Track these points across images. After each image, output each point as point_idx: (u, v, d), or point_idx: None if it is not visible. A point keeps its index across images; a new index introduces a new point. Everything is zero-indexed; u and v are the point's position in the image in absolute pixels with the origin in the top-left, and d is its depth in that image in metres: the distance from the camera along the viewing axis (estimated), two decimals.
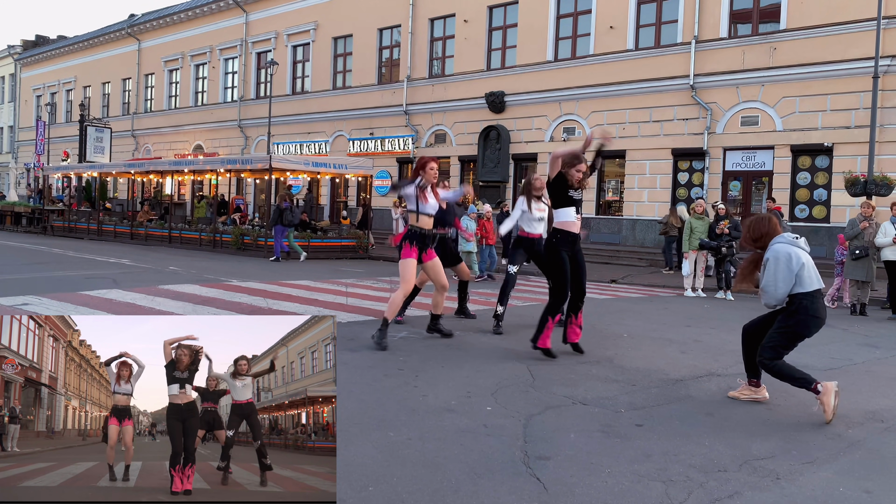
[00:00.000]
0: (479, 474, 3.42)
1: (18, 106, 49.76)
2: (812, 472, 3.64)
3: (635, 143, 20.71)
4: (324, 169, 20.06)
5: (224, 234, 19.77)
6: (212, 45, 34.30)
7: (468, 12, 24.60)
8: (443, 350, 6.46)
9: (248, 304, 8.98)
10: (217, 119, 34.05)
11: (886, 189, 14.77)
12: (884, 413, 4.88)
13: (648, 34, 20.79)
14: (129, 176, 25.61)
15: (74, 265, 13.65)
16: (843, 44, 17.19)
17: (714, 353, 6.85)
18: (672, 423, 4.40)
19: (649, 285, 14.36)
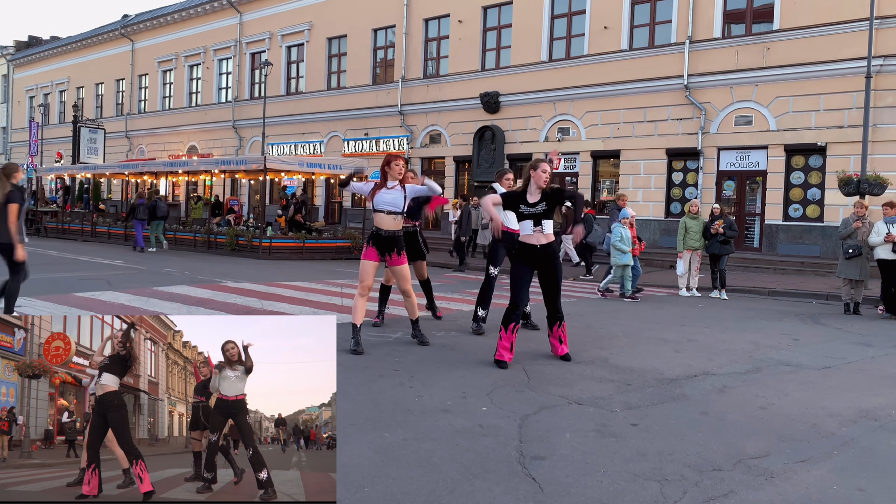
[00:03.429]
0: (474, 474, 3.43)
1: (11, 107, 49.54)
2: (806, 471, 3.66)
3: (629, 143, 20.75)
4: (318, 169, 20.04)
5: (219, 235, 19.73)
6: (206, 46, 34.22)
7: (462, 13, 24.61)
8: (438, 351, 6.46)
9: (242, 304, 8.97)
10: (211, 120, 33.98)
11: (879, 188, 14.84)
12: (877, 411, 4.90)
13: (642, 34, 20.83)
14: (122, 177, 25.53)
15: (68, 267, 13.61)
16: (836, 44, 17.26)
17: (709, 353, 6.87)
18: (667, 423, 4.41)
19: (644, 284, 14.38)
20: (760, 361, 6.53)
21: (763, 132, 18.51)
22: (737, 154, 19.14)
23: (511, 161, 23.52)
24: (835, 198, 16.94)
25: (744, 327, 8.77)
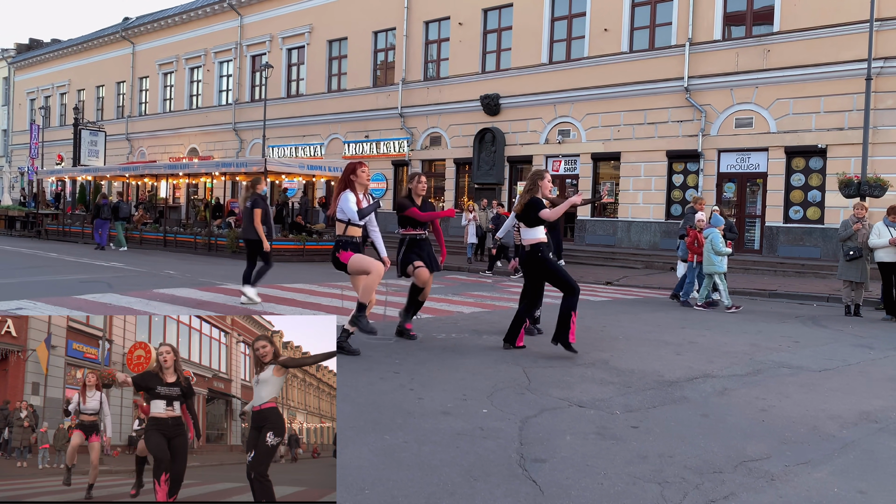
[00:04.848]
0: (475, 477, 3.42)
1: (12, 109, 49.60)
2: (807, 473, 3.65)
3: (630, 145, 20.75)
4: (319, 172, 20.06)
5: (219, 238, 19.73)
6: (206, 48, 34.26)
7: (463, 15, 24.64)
8: (438, 353, 6.46)
9: (243, 307, 8.97)
10: (212, 122, 34.00)
11: (880, 190, 14.83)
12: (878, 413, 4.90)
13: (643, 36, 20.85)
14: (123, 179, 25.55)
15: (69, 269, 13.61)
16: (837, 46, 17.27)
17: (709, 355, 6.87)
18: (667, 425, 4.41)
19: (644, 287, 14.39)
20: (761, 363, 6.52)
21: (763, 134, 18.51)
22: (737, 156, 19.15)
23: (511, 163, 23.54)
24: (835, 200, 16.94)
25: (744, 329, 8.76)
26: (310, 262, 17.54)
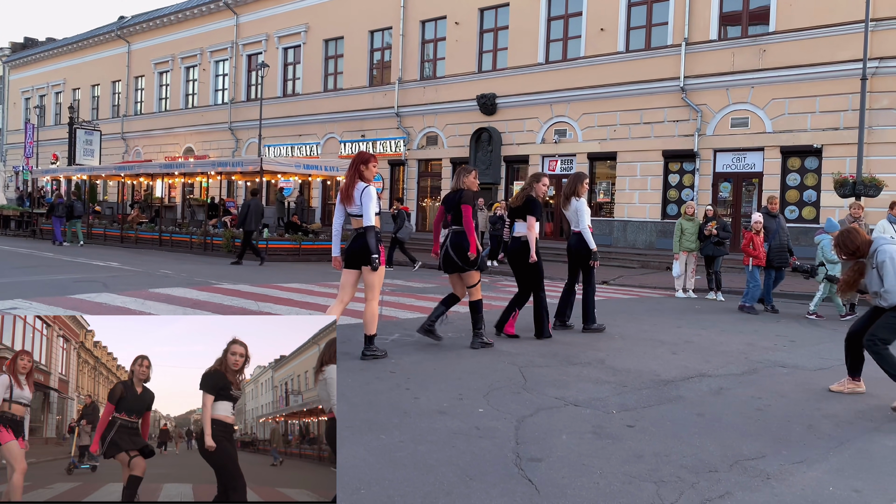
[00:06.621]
0: (471, 476, 3.42)
1: (7, 108, 49.47)
2: (802, 472, 3.66)
3: (626, 144, 20.78)
4: (315, 171, 20.03)
5: (215, 237, 19.70)
6: (202, 48, 34.20)
7: (459, 14, 24.63)
8: (434, 353, 6.46)
9: (239, 307, 8.96)
10: (207, 121, 33.94)
11: (875, 190, 14.88)
12: (873, 412, 4.91)
13: (639, 36, 20.87)
14: (118, 179, 25.48)
15: (64, 269, 13.57)
16: (832, 46, 17.32)
17: (705, 354, 6.88)
18: (663, 424, 4.41)
19: (641, 286, 14.41)
20: (757, 363, 6.54)
21: (759, 134, 18.55)
22: (733, 156, 19.18)
23: (508, 163, 23.55)
24: (831, 200, 16.99)
25: (740, 329, 8.78)
26: (305, 262, 17.52)
